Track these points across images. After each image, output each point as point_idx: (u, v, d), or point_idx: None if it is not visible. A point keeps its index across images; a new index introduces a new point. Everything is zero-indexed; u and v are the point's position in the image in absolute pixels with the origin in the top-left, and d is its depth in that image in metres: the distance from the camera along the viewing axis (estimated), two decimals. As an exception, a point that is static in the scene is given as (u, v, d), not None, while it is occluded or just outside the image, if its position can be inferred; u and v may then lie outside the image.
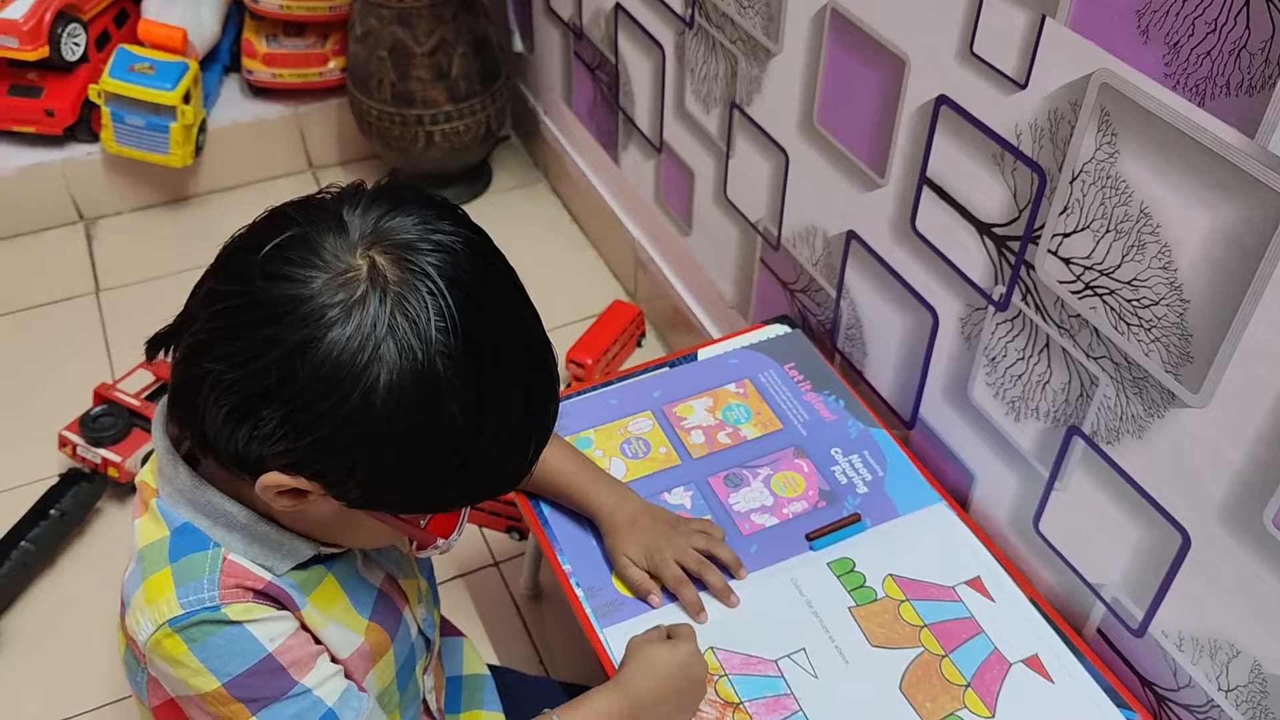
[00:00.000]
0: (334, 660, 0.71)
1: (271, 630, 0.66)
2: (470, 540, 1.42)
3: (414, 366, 0.58)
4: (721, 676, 0.89)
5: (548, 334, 0.66)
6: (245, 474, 0.63)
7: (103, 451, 1.38)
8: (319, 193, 0.64)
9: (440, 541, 0.70)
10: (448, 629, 1.01)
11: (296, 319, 0.58)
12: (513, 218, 1.92)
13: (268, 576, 0.67)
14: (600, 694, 0.81)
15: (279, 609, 0.67)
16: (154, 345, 0.66)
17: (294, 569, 0.69)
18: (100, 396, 1.44)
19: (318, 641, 0.70)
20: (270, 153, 1.96)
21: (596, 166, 1.77)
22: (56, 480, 1.39)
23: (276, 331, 0.58)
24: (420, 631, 0.82)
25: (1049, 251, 0.85)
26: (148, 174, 1.87)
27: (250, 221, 0.63)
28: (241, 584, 0.66)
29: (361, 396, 0.58)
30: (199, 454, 0.67)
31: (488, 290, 0.62)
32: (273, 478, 0.61)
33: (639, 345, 1.68)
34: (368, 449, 0.60)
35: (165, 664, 0.66)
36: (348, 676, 0.72)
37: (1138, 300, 0.78)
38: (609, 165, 1.70)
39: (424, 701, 0.86)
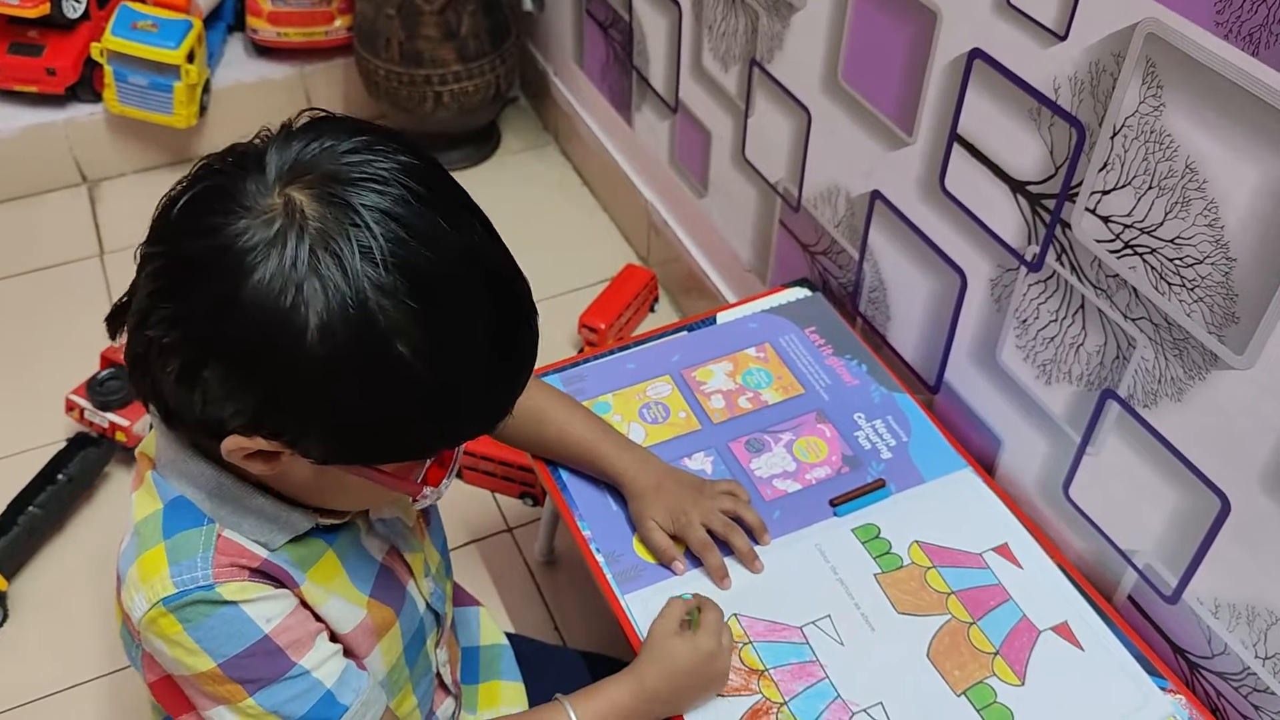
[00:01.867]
0: (335, 637, 0.69)
1: (268, 610, 0.64)
2: (483, 506, 1.40)
3: (343, 306, 0.54)
4: (746, 644, 0.88)
5: (551, 298, 0.62)
6: (213, 443, 0.60)
7: (110, 416, 1.36)
8: (254, 136, 0.60)
9: (428, 490, 0.66)
10: (462, 598, 0.99)
11: (218, 270, 0.55)
12: (522, 180, 1.89)
13: (263, 554, 0.65)
14: (615, 685, 0.79)
15: (276, 587, 0.65)
16: (112, 322, 0.64)
17: (291, 542, 0.66)
18: (107, 360, 1.42)
19: (318, 618, 0.68)
20: (275, 114, 1.86)
21: (608, 128, 1.74)
22: (64, 445, 1.37)
23: (201, 288, 0.55)
24: (429, 606, 0.79)
25: (1087, 209, 0.82)
26: (151, 135, 1.84)
27: (176, 182, 0.60)
28: (236, 562, 0.64)
29: (292, 342, 0.54)
30: (166, 425, 0.64)
31: (429, 219, 0.56)
32: (234, 441, 0.59)
33: (652, 310, 1.66)
34: (315, 399, 0.56)
35: (160, 642, 0.64)
36: (351, 653, 0.70)
37: (1180, 259, 0.76)
38: (621, 126, 1.67)
39: (438, 675, 0.84)
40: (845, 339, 1.15)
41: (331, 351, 0.54)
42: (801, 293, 1.21)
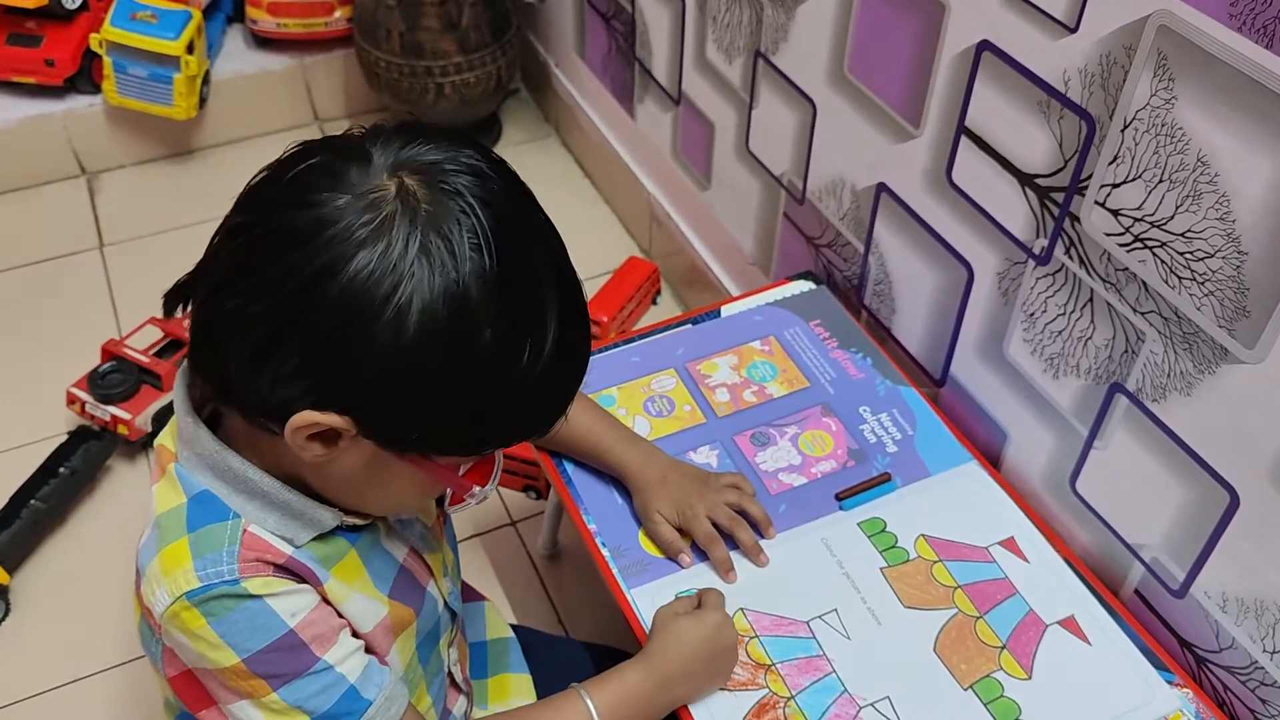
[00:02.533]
0: (356, 634, 0.69)
1: (293, 604, 0.64)
2: (487, 500, 1.40)
3: (448, 287, 0.56)
4: (752, 638, 0.88)
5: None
6: (272, 423, 0.60)
7: (112, 409, 1.35)
8: (346, 132, 0.62)
9: (477, 489, 0.67)
10: (468, 594, 0.98)
11: (321, 243, 0.55)
12: (523, 172, 1.83)
13: (288, 550, 0.65)
14: (629, 668, 0.79)
15: (300, 583, 0.65)
16: (172, 298, 0.64)
17: (315, 540, 0.66)
18: (108, 353, 1.41)
19: (340, 616, 0.68)
20: (275, 105, 1.92)
21: (610, 120, 1.73)
22: (65, 438, 1.36)
23: (300, 257, 0.56)
24: (447, 605, 0.79)
25: (1096, 203, 0.82)
26: (151, 126, 1.83)
27: (273, 160, 0.61)
28: (261, 557, 0.64)
29: (394, 318, 0.55)
30: (223, 406, 0.64)
31: (520, 214, 0.60)
32: (304, 416, 0.58)
33: (654, 303, 1.66)
34: (400, 376, 0.57)
35: (183, 636, 0.64)
36: (370, 650, 0.70)
37: (1191, 253, 0.76)
38: (624, 118, 1.66)
39: (449, 674, 0.84)
40: (850, 332, 1.14)
41: (429, 329, 0.55)
42: (806, 286, 1.20)
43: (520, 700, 0.93)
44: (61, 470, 1.31)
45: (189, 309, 0.63)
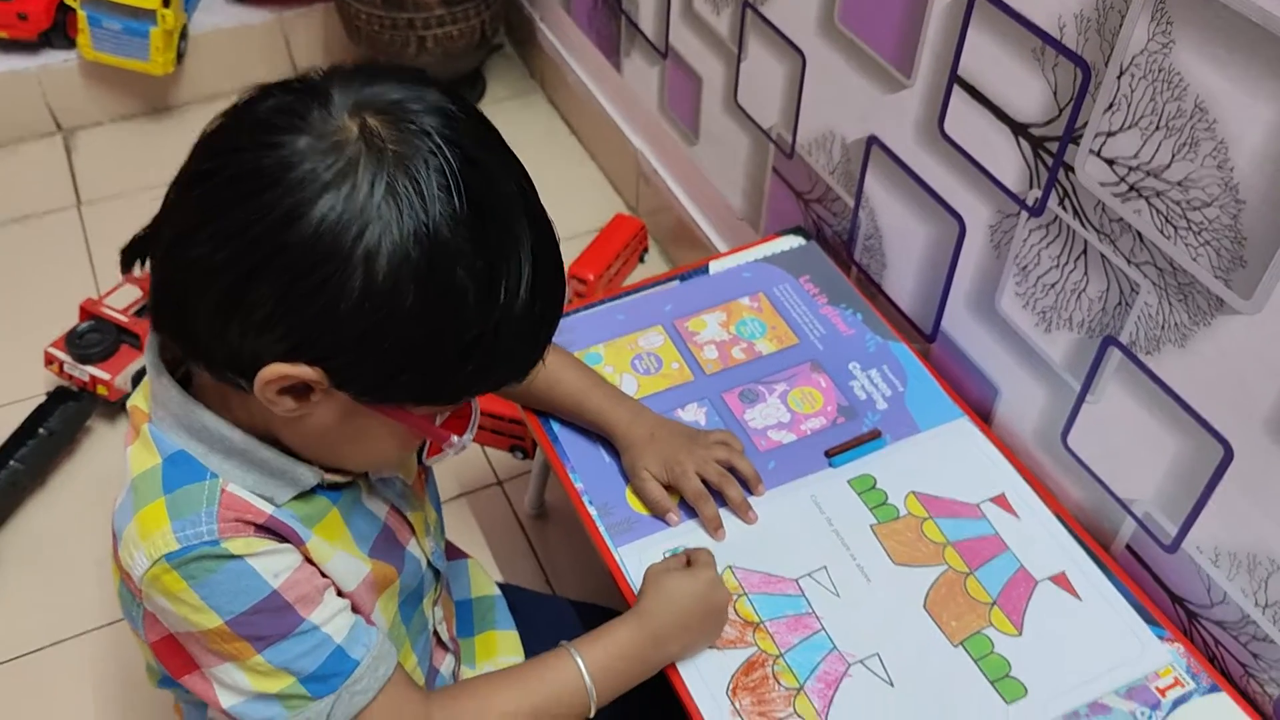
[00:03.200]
0: (340, 594, 0.67)
1: (275, 564, 0.63)
2: (473, 459, 1.39)
3: (418, 228, 0.54)
4: (741, 596, 0.87)
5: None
6: (241, 378, 0.58)
7: (91, 369, 1.33)
8: (299, 75, 0.60)
9: (455, 439, 0.66)
10: (451, 552, 0.97)
11: (286, 186, 0.53)
12: (508, 129, 1.81)
13: (269, 509, 0.63)
14: (620, 625, 0.78)
15: (282, 543, 0.64)
16: (130, 253, 0.62)
17: (296, 499, 0.65)
18: (86, 312, 1.39)
19: (323, 575, 0.66)
20: (254, 60, 1.88)
21: (596, 75, 1.70)
22: (44, 399, 1.34)
23: (265, 201, 0.54)
24: (430, 564, 0.78)
25: (1091, 152, 0.80)
26: (127, 82, 1.80)
27: (230, 105, 0.59)
28: (241, 518, 0.62)
29: (363, 262, 0.54)
30: (189, 362, 0.62)
31: (488, 153, 0.58)
32: (274, 369, 0.57)
33: (641, 261, 1.64)
34: (372, 322, 0.55)
35: (164, 599, 0.62)
36: (355, 610, 0.68)
37: (1187, 202, 0.74)
38: (610, 73, 1.63)
39: (435, 633, 0.83)
40: (840, 288, 1.13)
41: (400, 273, 0.54)
42: (796, 241, 1.19)
43: (508, 657, 0.93)
44: (40, 431, 1.30)
45: (147, 265, 0.61)
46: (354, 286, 0.54)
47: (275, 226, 0.54)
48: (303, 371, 0.57)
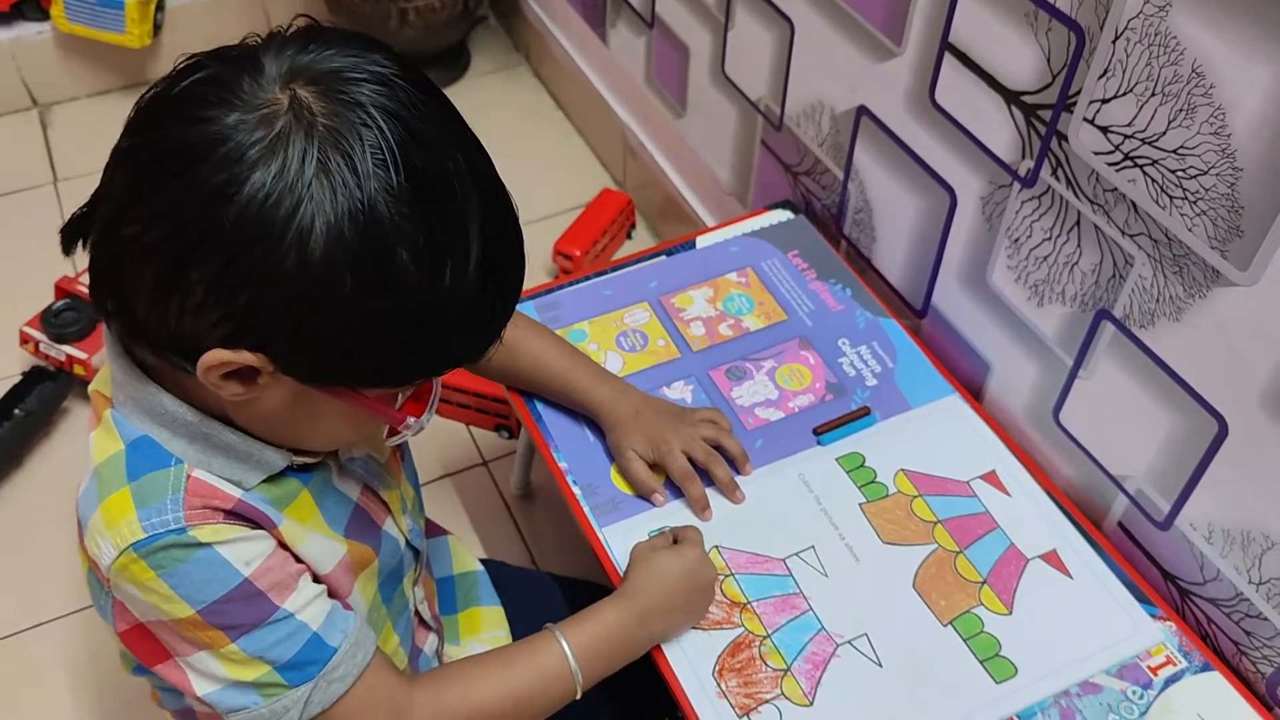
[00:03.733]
0: (316, 579, 0.66)
1: (246, 552, 0.61)
2: (458, 439, 1.37)
3: (353, 207, 0.51)
4: (728, 576, 0.85)
5: (524, 225, 0.59)
6: (184, 361, 0.56)
7: (67, 348, 1.31)
8: (236, 43, 0.57)
9: (411, 421, 0.63)
10: (431, 529, 0.96)
11: (214, 163, 0.51)
12: (492, 103, 1.82)
13: (237, 493, 0.61)
14: (607, 606, 0.76)
15: (253, 529, 0.62)
16: (70, 233, 0.59)
17: (265, 482, 0.63)
18: (62, 290, 1.36)
19: (298, 560, 0.64)
20: (232, 34, 1.78)
21: (582, 47, 1.67)
22: (19, 378, 1.32)
23: (194, 177, 0.51)
24: (409, 543, 0.76)
25: (1085, 120, 0.78)
26: (103, 56, 1.76)
27: (161, 77, 0.56)
28: (209, 504, 0.60)
29: (296, 244, 0.51)
30: (132, 344, 0.60)
31: (431, 124, 0.54)
32: (214, 355, 0.54)
33: (629, 237, 1.61)
34: (311, 306, 0.53)
35: (133, 589, 0.60)
36: (332, 594, 0.67)
37: (1183, 170, 0.72)
38: (596, 45, 1.60)
39: (416, 613, 0.82)
40: (829, 263, 1.11)
41: (335, 254, 0.51)
42: (784, 215, 1.16)
43: (492, 632, 0.91)
44: (16, 412, 1.27)
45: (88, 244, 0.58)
46: (287, 270, 0.51)
47: (204, 206, 0.51)
48: (244, 357, 0.55)
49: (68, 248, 0.59)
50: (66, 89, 1.78)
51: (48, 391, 1.30)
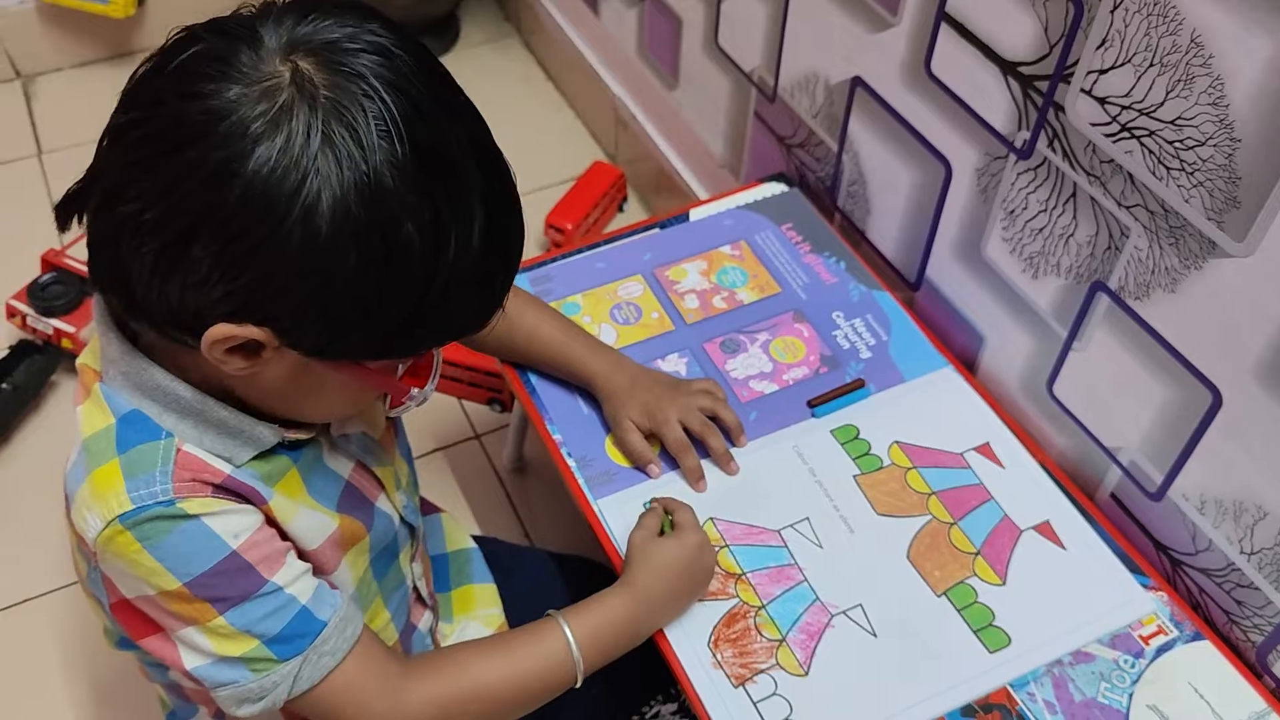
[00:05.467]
0: (302, 555, 0.65)
1: (234, 525, 0.60)
2: (450, 413, 1.36)
3: (358, 180, 0.51)
4: (723, 547, 0.85)
5: (521, 197, 0.59)
6: (186, 336, 0.55)
7: (54, 322, 1.30)
8: (230, 13, 0.56)
9: (415, 392, 0.63)
10: (425, 508, 0.95)
11: (216, 138, 0.50)
12: (482, 75, 1.81)
13: (227, 469, 0.61)
14: (610, 595, 0.76)
15: (241, 503, 0.61)
16: (64, 210, 0.58)
17: (255, 458, 0.62)
18: (48, 264, 1.35)
19: (284, 537, 0.64)
20: (220, 5, 1.81)
21: (573, 17, 1.65)
22: (6, 352, 1.31)
23: (196, 154, 0.51)
24: (403, 519, 0.76)
25: (1082, 91, 0.78)
26: (87, 27, 1.74)
27: (154, 50, 0.56)
28: (198, 477, 0.60)
29: (302, 218, 0.51)
30: (131, 320, 0.59)
31: (432, 94, 0.54)
32: (219, 329, 0.54)
33: (620, 210, 1.61)
34: (318, 280, 0.52)
35: (119, 561, 0.60)
36: (319, 570, 0.66)
37: (1181, 141, 0.72)
38: (587, 16, 1.59)
39: (414, 590, 0.81)
40: (823, 235, 1.10)
41: (342, 227, 0.51)
42: (778, 188, 1.16)
43: (486, 610, 0.91)
44: (3, 386, 1.26)
45: (84, 221, 0.58)
46: (293, 245, 0.51)
47: (206, 183, 0.51)
48: (249, 331, 0.54)
49: (63, 224, 0.59)
50: (50, 60, 1.76)
51: (35, 365, 1.29)
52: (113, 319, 0.61)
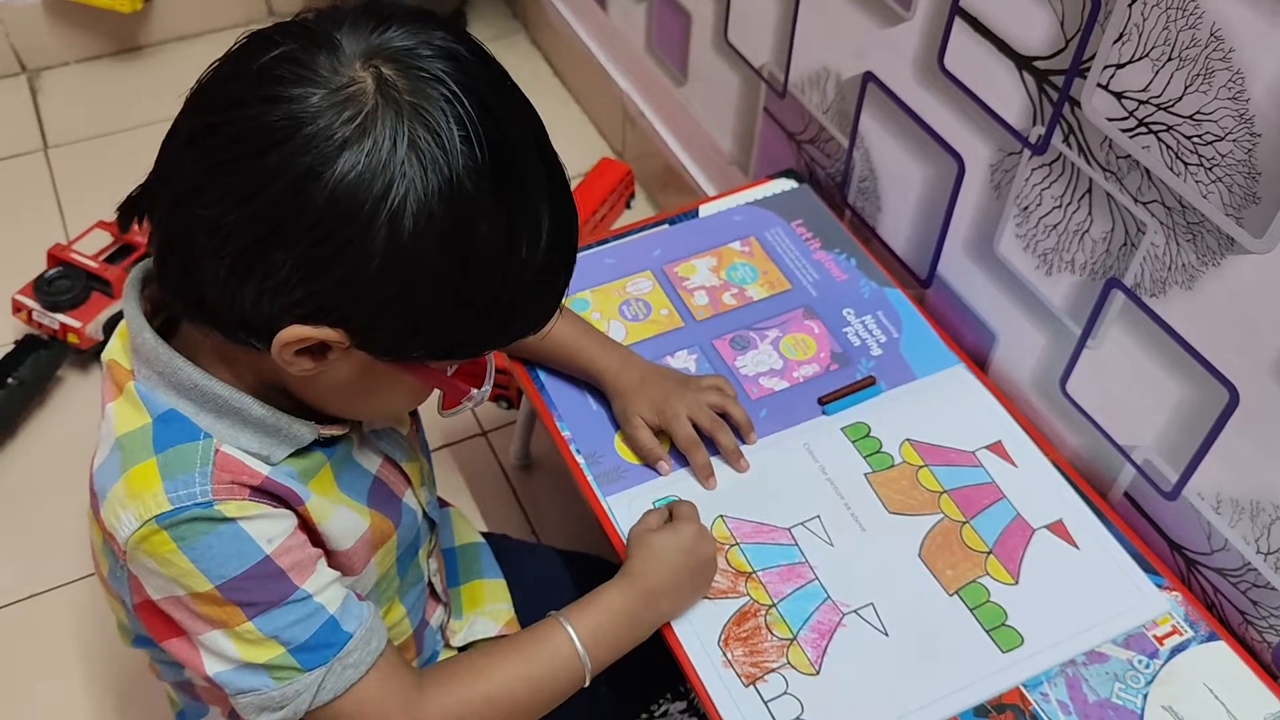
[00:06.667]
0: (334, 555, 0.65)
1: (269, 529, 0.60)
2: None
3: (442, 183, 0.52)
4: (733, 545, 0.85)
5: None
6: (254, 339, 0.55)
7: (61, 316, 1.29)
8: (297, 15, 0.56)
9: (474, 392, 0.64)
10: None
11: (299, 143, 0.50)
12: None
13: (264, 470, 0.61)
14: (610, 589, 0.75)
15: (278, 506, 0.61)
16: (127, 211, 0.59)
17: (292, 456, 0.62)
18: (55, 258, 1.35)
19: (317, 539, 0.64)
20: (224, 3, 1.82)
21: (581, 13, 1.65)
22: (13, 347, 1.30)
23: (278, 159, 0.51)
24: (426, 514, 0.76)
25: (1098, 85, 0.77)
26: (94, 21, 1.73)
27: (224, 53, 0.56)
28: (237, 480, 0.59)
29: (388, 221, 0.51)
30: (196, 324, 0.59)
31: (500, 99, 0.55)
32: (293, 331, 0.54)
33: (628, 207, 1.60)
34: (398, 282, 0.53)
35: (151, 561, 0.59)
36: (347, 570, 0.66)
37: (1199, 136, 0.71)
38: (595, 11, 1.58)
39: (430, 585, 0.81)
40: (833, 232, 1.10)
41: (425, 231, 0.52)
42: (788, 184, 1.15)
43: (495, 605, 0.91)
44: (10, 381, 1.26)
45: (145, 223, 0.58)
46: (377, 248, 0.51)
47: (291, 187, 0.51)
48: (324, 333, 0.55)
49: (124, 225, 0.59)
50: (57, 54, 1.75)
51: (41, 360, 1.29)
52: (145, 318, 0.61)
